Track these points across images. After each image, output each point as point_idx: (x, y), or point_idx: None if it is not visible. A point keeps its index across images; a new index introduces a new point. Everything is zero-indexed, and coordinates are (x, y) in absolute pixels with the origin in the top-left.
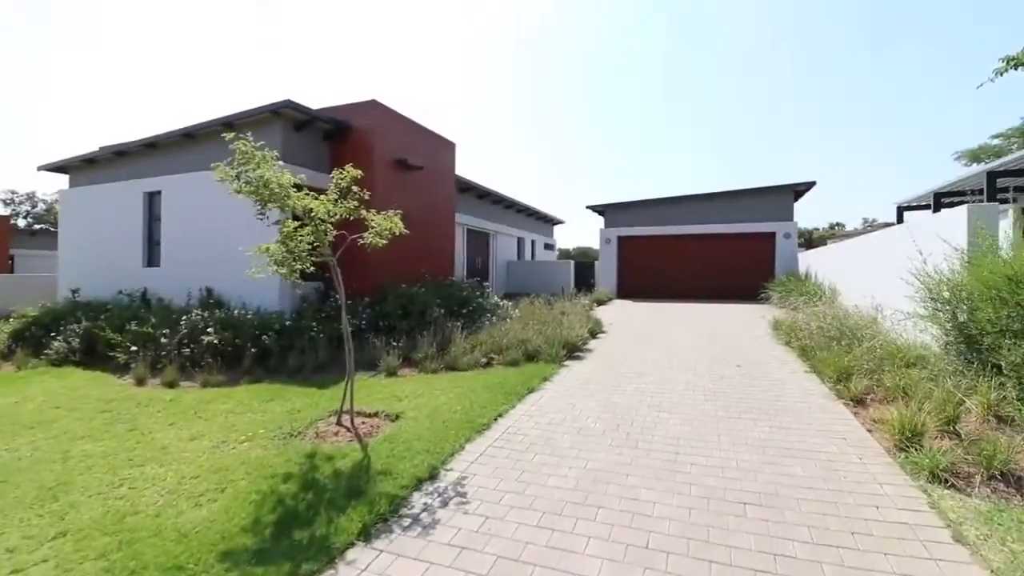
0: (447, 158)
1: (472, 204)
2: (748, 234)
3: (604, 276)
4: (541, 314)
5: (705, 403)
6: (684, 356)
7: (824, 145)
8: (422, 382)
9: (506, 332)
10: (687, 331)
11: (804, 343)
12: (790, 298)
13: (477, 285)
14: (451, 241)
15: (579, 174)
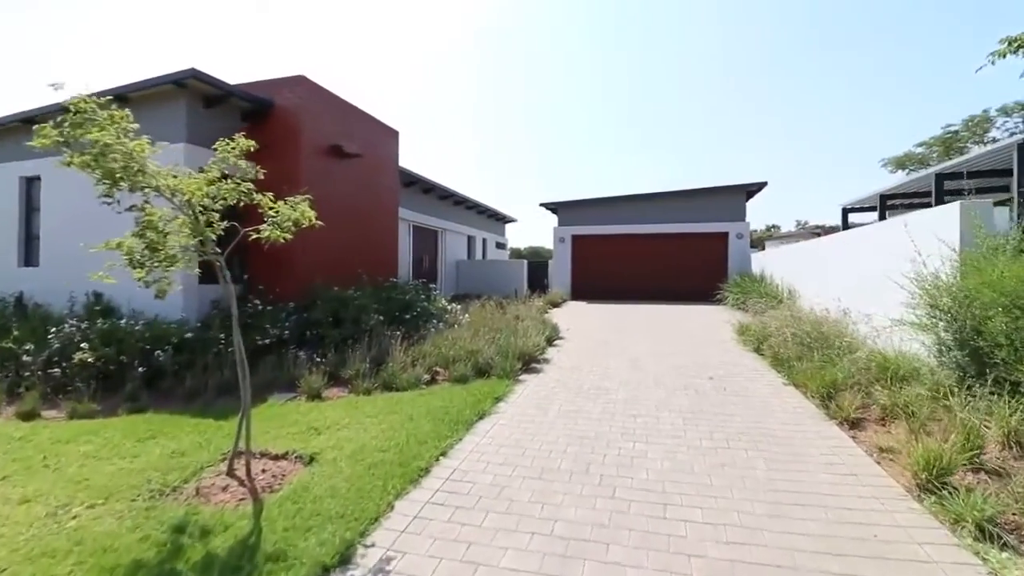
0: (389, 147)
1: (418, 199)
2: (702, 234)
3: (558, 276)
4: (493, 319)
5: (684, 428)
6: (650, 367)
7: (760, 148)
8: (350, 407)
9: (454, 341)
10: (648, 336)
11: (777, 351)
12: (749, 300)
13: (423, 287)
14: (394, 238)
15: (531, 172)
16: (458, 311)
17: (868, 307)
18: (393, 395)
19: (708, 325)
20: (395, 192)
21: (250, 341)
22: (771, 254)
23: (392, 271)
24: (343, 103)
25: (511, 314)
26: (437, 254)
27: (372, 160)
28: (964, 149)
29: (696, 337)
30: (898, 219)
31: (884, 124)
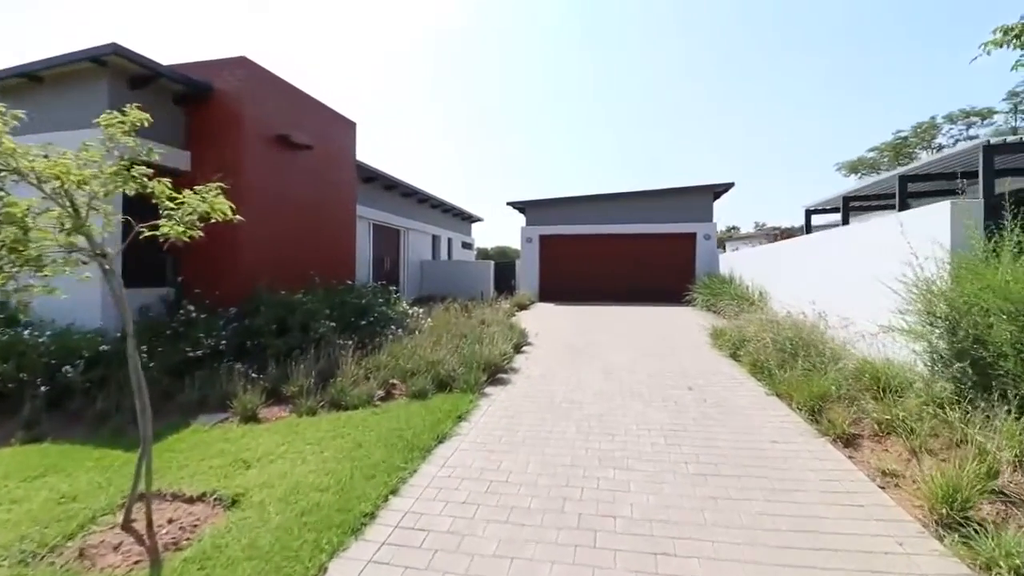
0: (345, 139)
1: (379, 196)
2: (670, 234)
3: (525, 277)
4: (458, 324)
5: (667, 449)
6: (625, 376)
7: (720, 150)
8: (290, 431)
9: (414, 350)
10: (620, 341)
11: (756, 358)
12: (719, 302)
13: (382, 290)
14: (351, 237)
15: (499, 172)
16: (420, 315)
17: (850, 311)
18: (342, 415)
19: (680, 328)
20: (352, 188)
21: (178, 353)
22: (740, 255)
23: (349, 272)
24: (292, 89)
25: (476, 318)
26: (400, 254)
27: (326, 152)
28: (913, 154)
29: (669, 342)
30: (884, 219)
31: (839, 129)
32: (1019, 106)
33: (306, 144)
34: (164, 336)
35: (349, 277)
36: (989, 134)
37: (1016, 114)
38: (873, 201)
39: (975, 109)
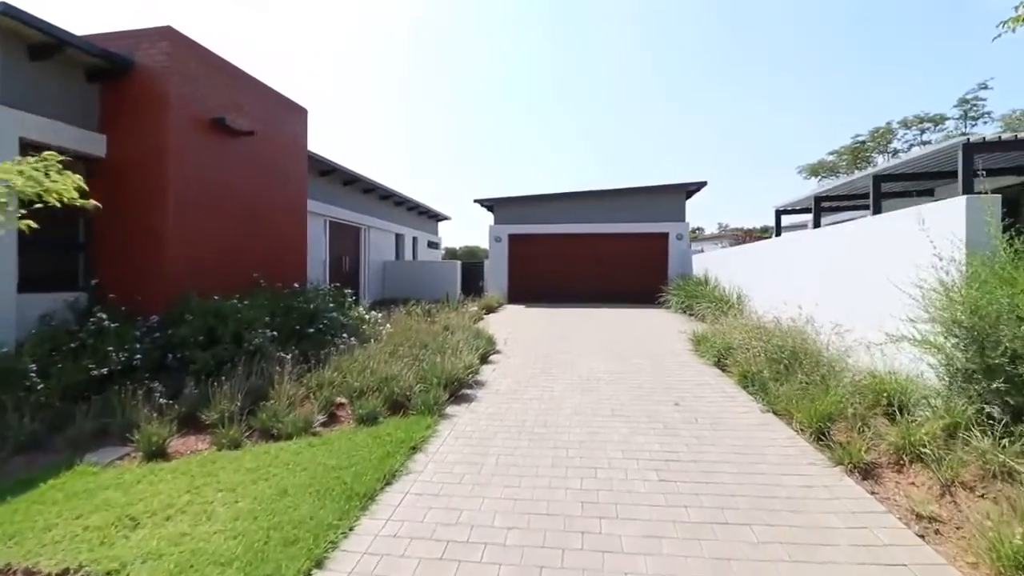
0: (295, 127)
1: (337, 192)
2: (642, 234)
3: (494, 278)
4: (419, 331)
5: (662, 488)
6: (604, 389)
7: (684, 151)
8: (202, 472)
9: (366, 363)
10: (596, 347)
11: (746, 368)
12: (696, 305)
13: (336, 293)
14: (302, 236)
15: (468, 170)
16: (379, 321)
17: (847, 317)
18: (272, 447)
19: (658, 333)
20: (303, 181)
21: (81, 371)
22: (717, 256)
23: (300, 274)
24: (230, 68)
25: (441, 323)
26: (360, 254)
27: (272, 141)
28: (870, 158)
29: (648, 348)
30: (889, 216)
31: (801, 132)
32: (969, 112)
33: (247, 130)
34: (66, 350)
35: (300, 279)
36: (940, 139)
37: (966, 120)
38: (845, 201)
39: (928, 115)
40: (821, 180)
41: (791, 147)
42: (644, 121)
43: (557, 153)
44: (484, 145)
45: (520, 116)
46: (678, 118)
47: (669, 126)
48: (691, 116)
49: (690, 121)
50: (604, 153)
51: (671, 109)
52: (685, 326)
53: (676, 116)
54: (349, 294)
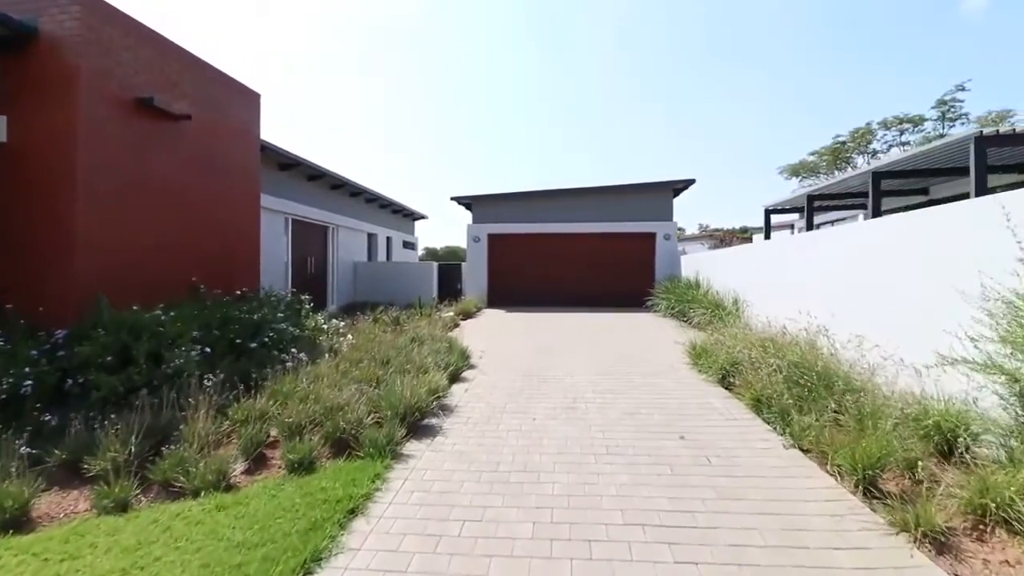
0: (245, 113)
1: (301, 188)
2: (628, 234)
3: (473, 281)
4: (384, 343)
5: (681, 574)
6: (595, 417)
7: (664, 150)
8: (59, 554)
9: (311, 387)
10: (583, 360)
11: (760, 391)
12: (690, 310)
13: (293, 300)
14: (253, 235)
15: (450, 168)
16: (342, 330)
17: (873, 330)
18: (169, 509)
19: (650, 342)
20: (255, 173)
21: None
22: (709, 257)
23: (251, 278)
24: (163, 42)
25: (409, 334)
26: (328, 254)
27: (216, 127)
28: (850, 159)
29: (641, 361)
30: (942, 210)
31: (780, 133)
32: (947, 113)
33: (183, 114)
34: None
35: (252, 283)
36: (919, 140)
37: (944, 121)
38: (835, 200)
39: (908, 116)
40: (802, 180)
41: (770, 148)
42: (625, 122)
43: (541, 154)
44: (468, 146)
45: (504, 116)
46: (660, 119)
47: (649, 127)
48: (674, 116)
49: (673, 121)
50: (588, 154)
51: (655, 110)
52: (678, 333)
53: (659, 116)
54: (307, 300)
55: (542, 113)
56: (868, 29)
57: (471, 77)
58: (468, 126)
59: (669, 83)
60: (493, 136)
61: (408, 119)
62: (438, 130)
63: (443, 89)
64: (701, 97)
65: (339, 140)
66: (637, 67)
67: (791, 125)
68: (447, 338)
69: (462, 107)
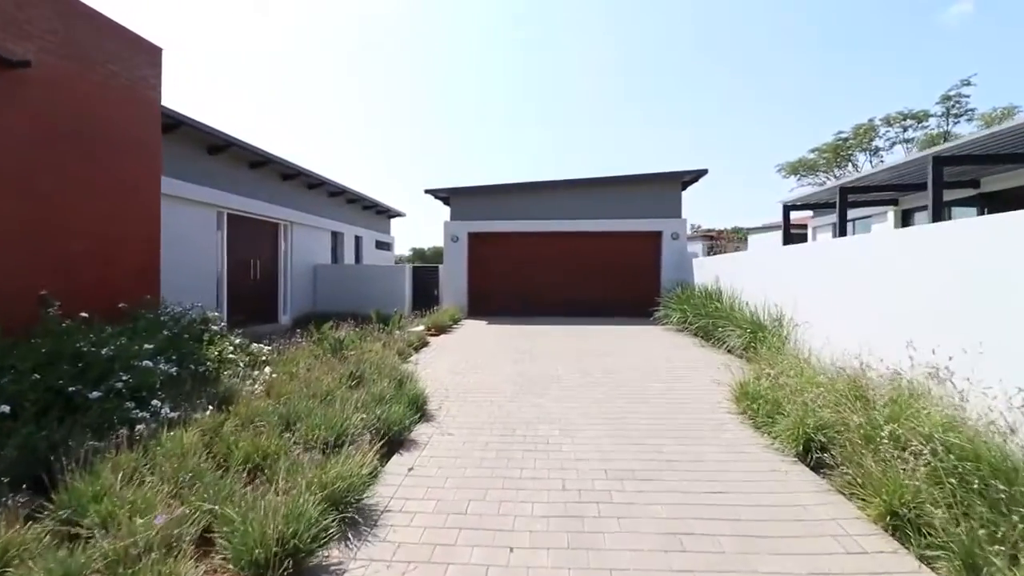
0: (135, 70)
1: (242, 177)
2: (630, 233)
3: (451, 286)
4: (309, 381)
5: None
6: (612, 539)
7: (648, 151)
8: None
9: (128, 492)
10: (586, 410)
11: (893, 499)
12: (718, 329)
13: (197, 321)
14: (148, 232)
15: (434, 165)
16: (263, 359)
17: None
18: None
19: (671, 373)
20: (152, 151)
21: None
22: (733, 260)
23: (143, 288)
24: None
25: (357, 359)
26: (279, 257)
27: (84, 85)
28: (851, 156)
29: (666, 407)
30: None
31: (771, 132)
32: (951, 109)
33: (20, 60)
34: None
35: (145, 295)
36: (922, 137)
37: (948, 117)
38: (873, 194)
39: (911, 112)
40: (800, 179)
41: (761, 147)
42: (608, 120)
43: (532, 152)
44: (459, 148)
45: (495, 115)
46: (643, 116)
47: (630, 124)
48: (659, 114)
49: (657, 120)
50: (580, 153)
51: (638, 107)
52: (702, 358)
53: (642, 115)
54: (216, 319)
55: (528, 113)
56: (865, 24)
57: (462, 77)
58: (461, 123)
59: (654, 80)
60: (484, 135)
61: (401, 115)
62: (428, 127)
63: (435, 89)
64: (687, 95)
65: (327, 139)
66: (621, 64)
67: (782, 124)
68: (402, 371)
69: (458, 102)
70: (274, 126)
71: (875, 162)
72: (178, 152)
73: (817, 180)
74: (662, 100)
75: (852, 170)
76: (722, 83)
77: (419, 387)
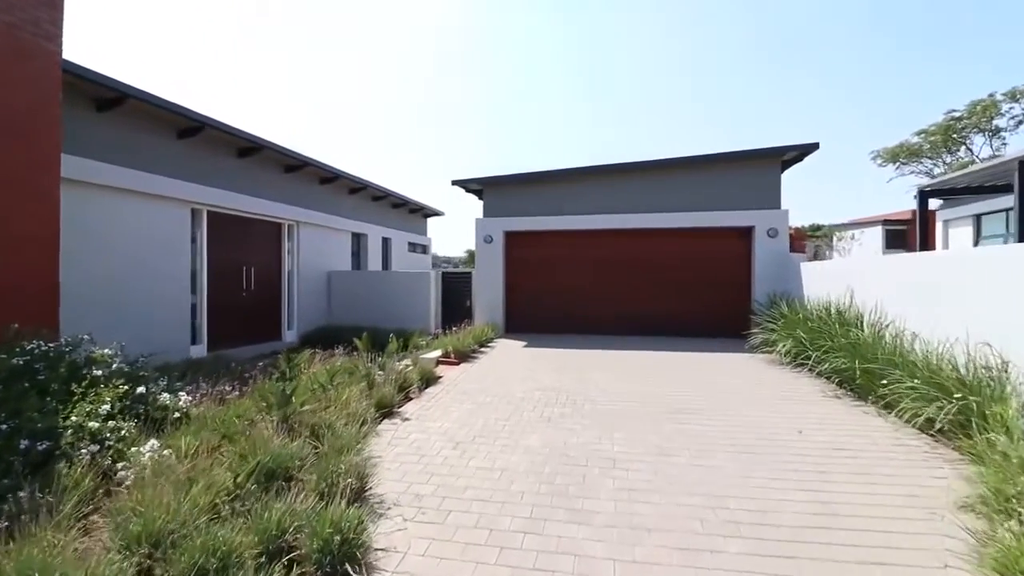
0: (14, 7)
1: (229, 167)
2: (710, 229)
3: (484, 297)
4: (199, 472)
5: None
6: None
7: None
8: None
9: None
10: (666, 556)
11: None
12: (872, 376)
13: (86, 363)
14: (43, 238)
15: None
16: (177, 418)
17: None
18: None
19: (827, 473)
20: (39, 128)
21: None
22: (887, 268)
23: (40, 315)
24: None
25: (306, 421)
26: (282, 263)
27: None
28: (966, 138)
29: None
30: None
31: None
32: None
33: None
34: None
35: (41, 324)
36: None
37: None
38: None
39: None
40: (899, 168)
41: (828, 136)
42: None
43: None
44: (506, 144)
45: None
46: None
47: (694, 120)
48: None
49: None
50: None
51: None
52: (862, 428)
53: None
54: (104, 355)
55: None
56: None
57: (510, 71)
58: (501, 123)
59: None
60: (532, 131)
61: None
62: (470, 127)
63: (481, 85)
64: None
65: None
66: (686, 63)
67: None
68: (359, 457)
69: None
70: (346, 144)
71: (996, 145)
72: (131, 135)
73: (922, 168)
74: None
75: (967, 154)
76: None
77: (369, 489)
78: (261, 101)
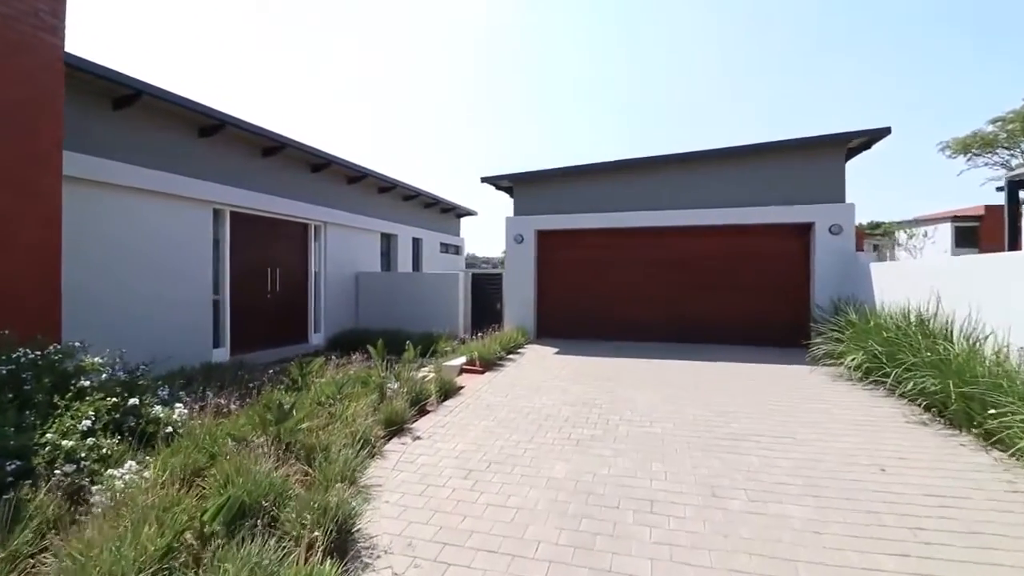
0: None
1: (254, 168)
2: (763, 226)
3: (514, 299)
4: (168, 503)
5: None
6: None
7: None
8: None
9: None
10: None
11: None
12: (973, 404)
13: (53, 373)
14: (45, 240)
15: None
16: (169, 433)
17: None
18: None
19: (930, 544)
20: (45, 119)
21: None
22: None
23: (35, 323)
24: None
25: (301, 442)
26: (308, 264)
27: None
28: None
29: None
30: None
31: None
32: None
33: None
34: None
35: (40, 330)
36: None
37: None
38: None
39: None
40: (970, 159)
41: None
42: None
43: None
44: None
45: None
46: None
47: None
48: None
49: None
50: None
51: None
52: (972, 473)
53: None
54: (94, 363)
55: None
56: None
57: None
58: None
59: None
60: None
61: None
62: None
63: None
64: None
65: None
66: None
67: None
68: (348, 497)
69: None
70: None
71: None
72: (150, 134)
73: (998, 159)
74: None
75: None
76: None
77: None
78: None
